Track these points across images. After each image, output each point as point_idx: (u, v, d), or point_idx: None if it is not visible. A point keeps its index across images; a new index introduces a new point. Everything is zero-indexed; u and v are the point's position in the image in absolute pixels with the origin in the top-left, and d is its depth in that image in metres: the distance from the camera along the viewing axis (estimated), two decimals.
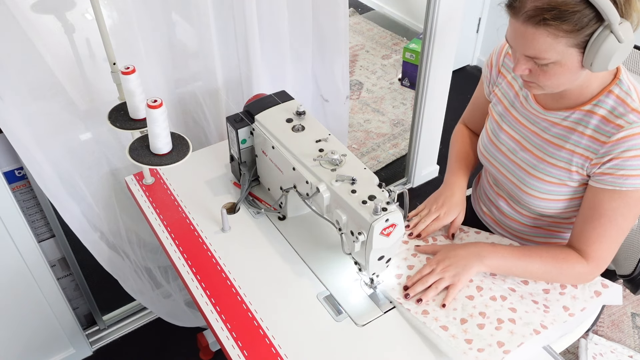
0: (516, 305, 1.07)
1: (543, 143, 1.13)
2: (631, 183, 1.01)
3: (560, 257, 1.11)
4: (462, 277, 1.09)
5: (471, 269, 1.10)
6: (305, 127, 1.18)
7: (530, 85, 1.04)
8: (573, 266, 1.10)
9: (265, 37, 1.54)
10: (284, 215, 1.28)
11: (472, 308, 1.06)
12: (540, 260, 1.11)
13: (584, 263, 1.10)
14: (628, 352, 1.88)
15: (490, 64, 1.25)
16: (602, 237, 1.07)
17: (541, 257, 1.11)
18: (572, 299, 1.10)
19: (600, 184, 1.04)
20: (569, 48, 0.93)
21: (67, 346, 1.82)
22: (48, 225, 1.58)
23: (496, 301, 1.08)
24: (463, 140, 1.40)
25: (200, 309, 1.10)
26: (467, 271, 1.09)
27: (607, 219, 1.05)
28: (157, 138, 1.21)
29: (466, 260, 1.10)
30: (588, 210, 1.08)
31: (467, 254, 1.12)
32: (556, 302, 1.10)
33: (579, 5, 0.88)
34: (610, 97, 1.03)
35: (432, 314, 1.06)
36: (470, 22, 3.03)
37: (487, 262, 1.11)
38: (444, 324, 1.04)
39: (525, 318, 1.05)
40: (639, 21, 0.94)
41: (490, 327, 1.03)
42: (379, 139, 2.79)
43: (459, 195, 1.26)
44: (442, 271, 1.10)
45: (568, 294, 1.11)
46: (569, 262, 1.10)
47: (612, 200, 1.04)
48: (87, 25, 1.31)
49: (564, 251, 1.12)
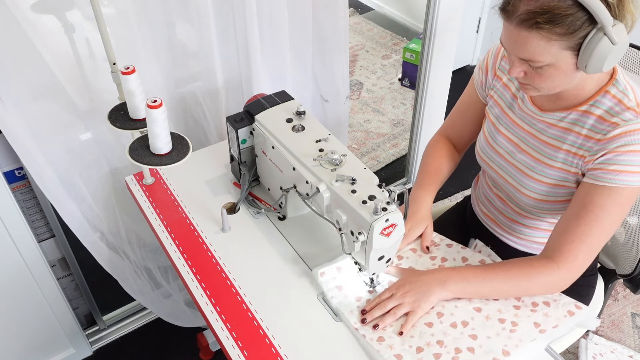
0: (478, 331, 1.03)
1: (540, 144, 1.13)
2: (622, 179, 0.99)
3: (526, 267, 1.07)
4: (422, 303, 1.05)
5: (432, 295, 1.06)
6: (305, 127, 1.18)
7: (526, 87, 1.04)
8: (542, 273, 1.06)
9: (265, 37, 1.54)
10: (284, 215, 1.28)
11: (430, 336, 1.02)
12: (505, 275, 1.07)
13: (554, 268, 1.05)
14: (628, 352, 1.88)
15: (486, 67, 1.25)
16: (584, 236, 1.03)
17: (506, 271, 1.08)
18: (544, 316, 1.06)
19: (592, 179, 1.03)
20: (562, 51, 0.92)
21: (67, 346, 1.82)
22: (48, 225, 1.58)
23: (456, 328, 1.04)
24: (437, 154, 1.36)
25: (200, 309, 1.10)
26: (428, 297, 1.06)
27: (594, 217, 1.02)
28: (157, 138, 1.21)
29: (427, 287, 1.07)
30: (576, 206, 1.05)
31: (429, 279, 1.08)
32: (526, 318, 1.05)
33: (572, 8, 0.88)
34: (606, 97, 1.03)
35: (388, 341, 1.02)
36: (470, 22, 3.03)
37: (450, 287, 1.07)
38: (399, 353, 1.00)
39: (486, 346, 1.00)
40: (633, 22, 0.94)
41: (447, 356, 0.99)
42: (379, 139, 2.79)
43: (424, 211, 1.24)
44: (402, 296, 1.06)
45: (540, 312, 1.07)
46: (537, 269, 1.06)
47: (601, 196, 1.01)
48: (87, 25, 1.31)
49: (530, 261, 1.08)
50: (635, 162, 0.98)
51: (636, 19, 0.94)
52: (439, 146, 1.37)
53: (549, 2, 0.89)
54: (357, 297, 1.10)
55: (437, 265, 1.18)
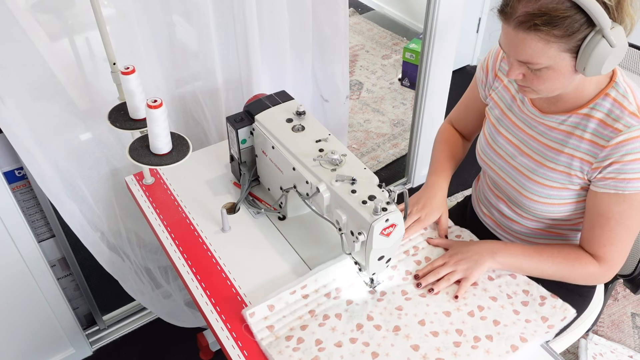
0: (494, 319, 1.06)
1: (542, 147, 1.13)
2: (634, 186, 1.01)
3: (572, 257, 1.11)
4: (474, 271, 1.10)
5: (483, 264, 1.11)
6: (305, 127, 1.18)
7: (525, 89, 1.04)
8: (585, 266, 1.10)
9: (265, 37, 1.54)
10: (284, 215, 1.28)
11: (449, 324, 1.05)
12: (551, 259, 1.12)
13: (596, 264, 1.10)
14: (628, 352, 1.88)
15: (487, 67, 1.25)
16: (612, 239, 1.07)
17: (552, 256, 1.12)
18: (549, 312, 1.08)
19: (604, 189, 1.04)
20: (561, 53, 0.92)
21: (67, 346, 1.82)
22: (48, 225, 1.58)
23: (473, 317, 1.06)
24: (448, 140, 1.39)
25: (200, 309, 1.10)
26: (480, 266, 1.10)
27: (616, 222, 1.05)
28: (157, 138, 1.21)
29: (479, 256, 1.11)
30: (595, 215, 1.08)
31: (479, 249, 1.13)
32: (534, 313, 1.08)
33: (570, 10, 0.88)
34: (607, 99, 1.03)
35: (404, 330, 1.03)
36: (470, 22, 3.03)
37: (499, 259, 1.12)
38: (416, 343, 1.01)
39: (504, 332, 1.03)
40: (632, 25, 0.93)
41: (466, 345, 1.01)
42: (379, 139, 2.79)
43: (440, 197, 1.26)
44: (455, 264, 1.11)
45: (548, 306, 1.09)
46: (581, 262, 1.10)
47: (617, 204, 1.04)
48: (87, 25, 1.31)
49: (575, 251, 1.12)
50: None
51: (635, 22, 0.94)
52: (450, 133, 1.41)
53: (547, 4, 0.89)
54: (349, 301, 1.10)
55: None
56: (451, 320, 1.05)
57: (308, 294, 1.09)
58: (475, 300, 1.09)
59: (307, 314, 1.06)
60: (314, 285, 1.10)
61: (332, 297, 1.09)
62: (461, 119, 1.39)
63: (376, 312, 1.06)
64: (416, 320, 1.05)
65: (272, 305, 1.06)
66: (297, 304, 1.07)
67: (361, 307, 1.07)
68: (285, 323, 1.04)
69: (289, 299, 1.07)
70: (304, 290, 1.09)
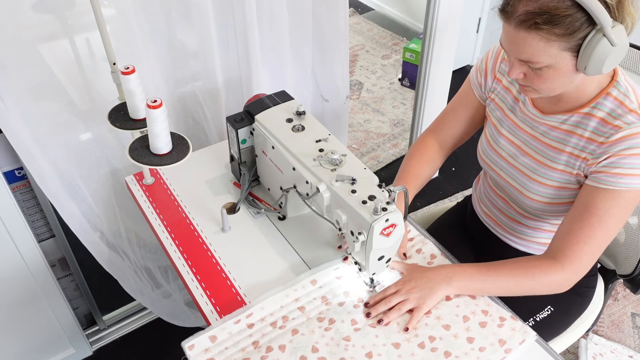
0: None
1: (543, 147, 1.13)
2: (625, 182, 1.00)
3: (531, 267, 1.07)
4: (427, 300, 1.05)
5: (437, 291, 1.06)
6: (305, 127, 1.18)
7: (526, 89, 1.04)
8: (546, 273, 1.06)
9: (265, 37, 1.54)
10: (284, 215, 1.28)
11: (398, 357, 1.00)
12: (510, 273, 1.07)
13: (558, 269, 1.05)
14: (628, 352, 1.88)
15: (485, 69, 1.24)
16: (588, 237, 1.03)
17: (511, 270, 1.08)
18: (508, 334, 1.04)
19: (595, 182, 1.03)
20: (562, 52, 0.92)
21: (67, 346, 1.82)
22: (48, 225, 1.58)
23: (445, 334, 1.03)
24: (420, 157, 1.33)
25: (200, 309, 1.10)
26: (434, 294, 1.06)
27: (597, 219, 1.02)
28: (157, 138, 1.21)
29: (432, 283, 1.07)
30: (579, 209, 1.05)
31: (434, 275, 1.08)
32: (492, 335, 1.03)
33: (571, 9, 0.88)
34: (608, 99, 1.03)
35: None
36: (470, 22, 3.03)
37: (455, 284, 1.07)
38: None
39: None
40: (633, 25, 0.93)
41: None
42: (379, 139, 2.79)
43: None
44: (407, 292, 1.06)
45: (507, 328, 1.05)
46: (541, 270, 1.06)
47: (605, 199, 1.02)
48: (87, 25, 1.31)
49: (534, 260, 1.09)
50: (638, 165, 0.98)
51: (636, 21, 0.94)
52: (424, 149, 1.34)
53: (548, 2, 0.89)
54: None
55: None
56: (400, 352, 1.00)
57: (253, 323, 1.04)
58: (426, 331, 1.04)
59: (250, 346, 1.01)
60: (260, 313, 1.05)
61: (278, 326, 1.04)
62: (447, 125, 1.33)
63: (322, 343, 1.01)
64: (363, 353, 1.00)
65: (214, 336, 1.01)
66: (240, 335, 1.03)
67: (306, 338, 1.02)
68: (227, 356, 0.99)
69: (233, 329, 1.03)
70: (249, 319, 1.04)
